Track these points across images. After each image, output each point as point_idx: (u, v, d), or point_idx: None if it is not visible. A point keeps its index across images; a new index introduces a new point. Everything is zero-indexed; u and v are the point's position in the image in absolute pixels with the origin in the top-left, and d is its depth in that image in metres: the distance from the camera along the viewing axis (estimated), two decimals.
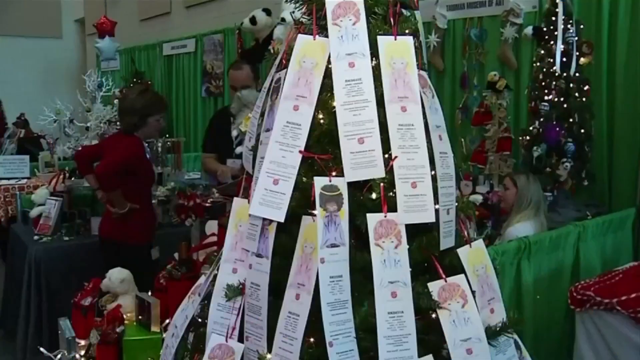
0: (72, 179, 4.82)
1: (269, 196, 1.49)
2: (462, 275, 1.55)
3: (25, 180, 5.89)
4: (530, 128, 4.06)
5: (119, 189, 3.41)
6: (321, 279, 1.41)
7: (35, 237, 4.16)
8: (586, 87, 3.96)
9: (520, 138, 4.17)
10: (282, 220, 1.48)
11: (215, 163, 3.96)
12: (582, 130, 3.94)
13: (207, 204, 3.21)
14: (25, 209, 4.65)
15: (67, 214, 4.32)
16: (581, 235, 3.51)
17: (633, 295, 2.90)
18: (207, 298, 1.73)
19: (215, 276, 1.69)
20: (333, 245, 1.43)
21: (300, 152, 1.50)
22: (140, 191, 3.58)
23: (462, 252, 1.59)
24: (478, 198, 4.05)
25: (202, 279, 1.81)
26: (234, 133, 3.12)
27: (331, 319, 1.41)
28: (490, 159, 4.38)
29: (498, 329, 1.61)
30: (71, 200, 4.47)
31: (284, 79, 1.58)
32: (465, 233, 1.65)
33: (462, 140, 4.65)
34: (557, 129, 3.89)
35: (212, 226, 2.80)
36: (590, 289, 3.02)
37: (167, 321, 2.24)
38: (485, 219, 3.91)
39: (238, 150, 3.01)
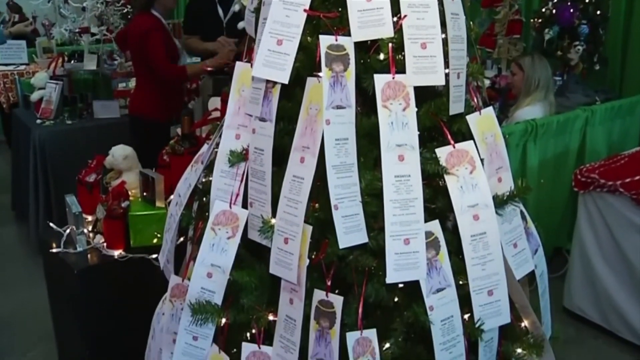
0: (72, 62, 4.71)
1: (272, 57, 1.42)
2: (471, 142, 1.51)
3: (24, 66, 5.78)
4: (543, 9, 3.91)
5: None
6: (326, 141, 1.37)
7: (38, 121, 4.14)
8: None
9: (532, 20, 4.03)
10: (286, 81, 1.42)
11: (203, 43, 3.81)
12: (598, 12, 3.80)
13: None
14: (26, 93, 4.59)
15: (69, 98, 4.26)
16: (589, 119, 3.46)
17: (637, 178, 2.90)
18: (210, 167, 1.71)
19: (217, 144, 1.66)
20: (339, 107, 1.38)
21: (305, 10, 1.42)
22: None
23: (471, 118, 1.55)
24: (485, 82, 3.97)
25: (204, 148, 1.78)
26: (236, 7, 3.00)
27: (336, 182, 1.39)
28: (499, 43, 4.25)
29: (505, 197, 1.59)
30: (72, 84, 4.40)
31: None
32: (475, 101, 1.60)
33: (471, 23, 4.48)
34: (572, 10, 3.75)
35: (215, 102, 2.75)
36: (594, 172, 3.02)
37: (172, 197, 2.24)
38: (493, 100, 3.85)
39: (240, 25, 2.90)
